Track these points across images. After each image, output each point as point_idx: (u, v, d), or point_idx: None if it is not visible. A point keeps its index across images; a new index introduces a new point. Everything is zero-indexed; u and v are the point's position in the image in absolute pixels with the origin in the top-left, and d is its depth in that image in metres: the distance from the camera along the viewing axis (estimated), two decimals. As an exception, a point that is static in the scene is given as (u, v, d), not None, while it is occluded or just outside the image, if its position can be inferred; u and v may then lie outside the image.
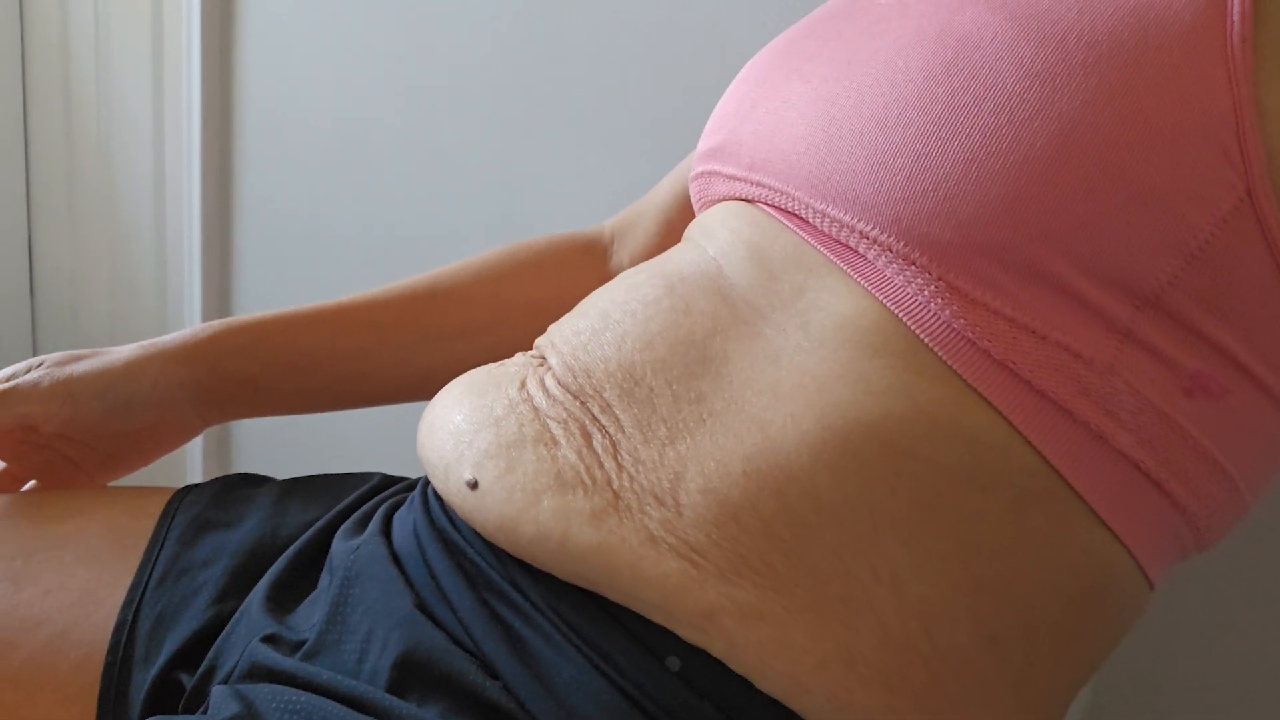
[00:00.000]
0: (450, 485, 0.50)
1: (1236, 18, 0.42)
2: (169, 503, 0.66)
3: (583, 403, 0.49)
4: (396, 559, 0.53)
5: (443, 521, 0.53)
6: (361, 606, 0.52)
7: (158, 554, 0.62)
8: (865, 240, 0.47)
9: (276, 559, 0.60)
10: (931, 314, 0.45)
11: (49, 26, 1.96)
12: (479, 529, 0.49)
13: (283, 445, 1.52)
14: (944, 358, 0.45)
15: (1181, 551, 0.50)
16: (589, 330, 0.52)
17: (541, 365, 0.53)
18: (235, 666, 0.54)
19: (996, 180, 0.43)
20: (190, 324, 1.57)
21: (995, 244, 0.44)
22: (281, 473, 0.72)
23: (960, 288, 0.45)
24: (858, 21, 0.54)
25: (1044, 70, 0.44)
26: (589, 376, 0.50)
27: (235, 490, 0.68)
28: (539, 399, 0.51)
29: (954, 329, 0.45)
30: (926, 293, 0.45)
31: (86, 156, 1.95)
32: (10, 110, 2.05)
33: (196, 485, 0.68)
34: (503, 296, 0.75)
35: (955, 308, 0.45)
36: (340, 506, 0.63)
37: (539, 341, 0.56)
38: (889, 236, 0.46)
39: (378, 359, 0.72)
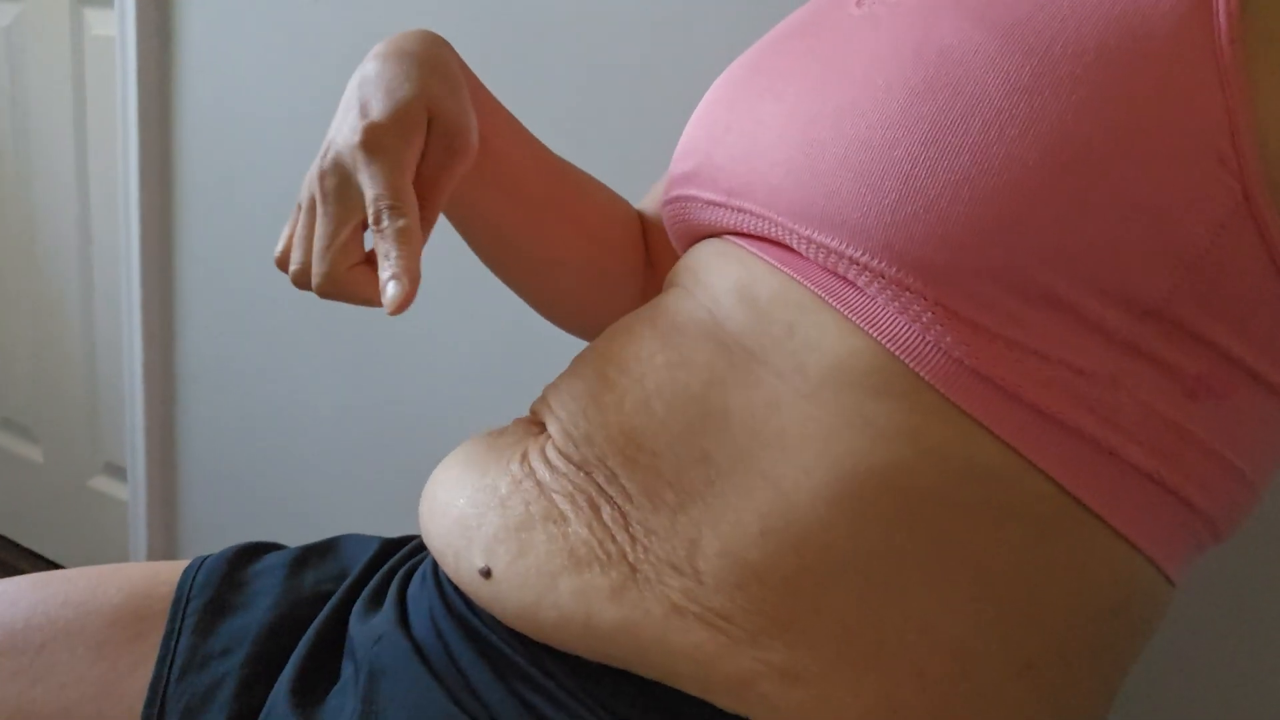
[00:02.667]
0: (463, 574, 0.48)
1: (1223, 18, 0.41)
2: (180, 586, 0.63)
3: (587, 473, 0.48)
4: (420, 650, 0.51)
5: (460, 607, 0.51)
6: (394, 704, 0.50)
7: (175, 645, 0.59)
8: (856, 267, 0.45)
9: (296, 642, 0.58)
10: (930, 345, 0.44)
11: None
12: (498, 616, 0.47)
13: (229, 517, 1.47)
14: (946, 394, 0.43)
15: (1199, 547, 0.49)
16: (586, 394, 0.50)
17: (541, 433, 0.51)
18: None
19: (989, 201, 0.42)
20: (130, 390, 1.51)
21: (991, 266, 0.42)
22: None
23: (958, 312, 0.43)
24: (828, 36, 0.52)
25: (1030, 84, 0.42)
26: (590, 445, 0.48)
27: (245, 566, 0.65)
28: (542, 472, 0.49)
29: (953, 359, 0.43)
30: (923, 320, 0.43)
31: (5, 217, 1.89)
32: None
33: (206, 560, 0.65)
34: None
35: (955, 334, 0.43)
36: (351, 580, 0.61)
37: (535, 406, 0.54)
38: (881, 263, 0.44)
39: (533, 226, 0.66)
